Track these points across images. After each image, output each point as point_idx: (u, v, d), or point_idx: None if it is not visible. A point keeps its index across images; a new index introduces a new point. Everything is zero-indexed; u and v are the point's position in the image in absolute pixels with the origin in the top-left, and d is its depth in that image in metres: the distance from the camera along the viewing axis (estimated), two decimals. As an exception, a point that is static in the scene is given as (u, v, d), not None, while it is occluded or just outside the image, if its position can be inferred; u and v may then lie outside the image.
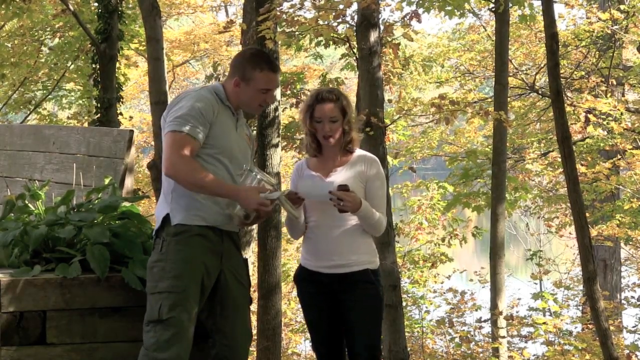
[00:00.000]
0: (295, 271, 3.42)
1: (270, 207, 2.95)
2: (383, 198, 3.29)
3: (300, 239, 3.42)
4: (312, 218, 3.30)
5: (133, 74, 17.29)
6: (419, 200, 12.31)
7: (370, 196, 3.26)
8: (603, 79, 12.76)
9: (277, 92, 8.29)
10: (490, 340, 9.84)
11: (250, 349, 4.42)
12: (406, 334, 9.09)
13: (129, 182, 4.01)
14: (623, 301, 12.83)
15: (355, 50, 7.78)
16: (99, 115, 10.95)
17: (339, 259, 3.24)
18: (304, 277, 3.34)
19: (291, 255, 15.19)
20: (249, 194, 2.93)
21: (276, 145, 8.19)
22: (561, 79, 6.00)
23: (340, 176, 3.25)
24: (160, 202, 3.06)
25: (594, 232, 11.62)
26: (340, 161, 3.31)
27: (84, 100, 14.14)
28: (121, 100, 11.79)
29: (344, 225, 3.25)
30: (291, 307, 13.83)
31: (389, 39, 8.37)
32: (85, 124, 13.14)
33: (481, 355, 10.64)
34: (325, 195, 3.17)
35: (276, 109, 8.10)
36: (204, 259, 2.97)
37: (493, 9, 9.45)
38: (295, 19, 7.20)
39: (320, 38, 7.54)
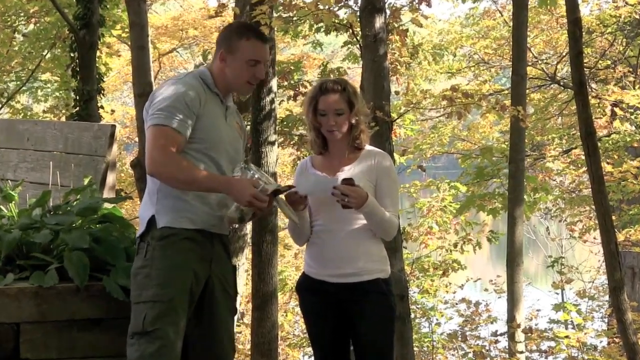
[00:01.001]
0: (297, 280, 3.39)
1: (265, 202, 2.93)
2: (395, 197, 3.28)
3: (302, 246, 3.41)
4: (318, 221, 3.28)
5: (115, 63, 17.28)
6: (428, 201, 12.32)
7: (380, 194, 3.24)
8: (631, 69, 12.77)
9: (273, 83, 8.29)
10: (507, 355, 9.84)
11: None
12: (415, 348, 9.10)
13: (110, 182, 4.00)
14: (653, 313, 12.83)
15: (358, 38, 7.79)
16: (77, 108, 10.95)
17: (348, 267, 3.22)
18: (307, 286, 3.33)
19: (288, 262, 15.20)
20: (242, 184, 2.92)
21: (272, 142, 8.20)
22: (585, 69, 6.00)
23: (347, 175, 3.23)
24: (144, 203, 3.05)
25: (620, 237, 11.63)
26: (348, 158, 3.30)
27: (61, 92, 14.14)
28: (102, 92, 11.79)
29: (353, 230, 3.23)
30: (288, 320, 13.84)
31: (396, 25, 8.38)
32: (63, 119, 13.14)
33: (497, 372, 10.64)
34: (332, 196, 3.15)
35: (272, 102, 8.11)
36: (193, 264, 2.96)
37: (510, -8, 9.46)
38: (293, 2, 7.21)
39: (321, 24, 7.56)
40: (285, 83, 9.99)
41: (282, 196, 3.08)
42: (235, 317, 3.47)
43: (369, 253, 3.24)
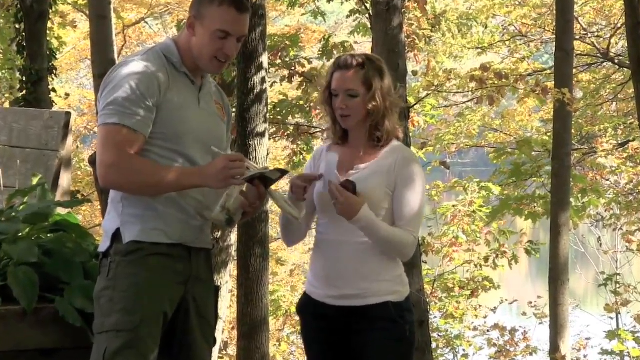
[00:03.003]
0: (299, 300, 3.39)
1: (241, 167, 2.88)
2: (415, 212, 3.21)
3: (298, 256, 3.41)
4: (322, 224, 3.27)
5: (70, 36, 17.28)
6: (454, 206, 12.31)
7: (397, 205, 3.20)
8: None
9: (264, 61, 8.30)
10: (550, 394, 9.84)
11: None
12: (437, 385, 9.09)
13: (65, 182, 4.01)
14: None
15: (368, 5, 7.79)
16: (24, 92, 10.94)
17: (349, 287, 3.21)
18: (308, 309, 3.33)
19: (282, 280, 15.20)
20: (215, 165, 2.89)
21: (262, 133, 8.20)
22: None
23: (361, 176, 3.19)
24: (108, 213, 3.05)
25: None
26: (365, 155, 3.25)
27: (4, 72, 14.12)
28: (54, 72, 11.79)
29: (361, 242, 3.20)
30: (282, 351, 13.85)
31: (414, -10, 8.37)
32: (7, 104, 13.13)
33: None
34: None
35: (262, 83, 8.11)
36: (165, 285, 2.97)
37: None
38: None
39: (322, -12, 7.55)
40: (279, 61, 9.99)
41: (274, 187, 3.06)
42: (216, 348, 3.47)
43: (376, 271, 3.21)
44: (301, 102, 10.19)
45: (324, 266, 3.26)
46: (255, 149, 8.08)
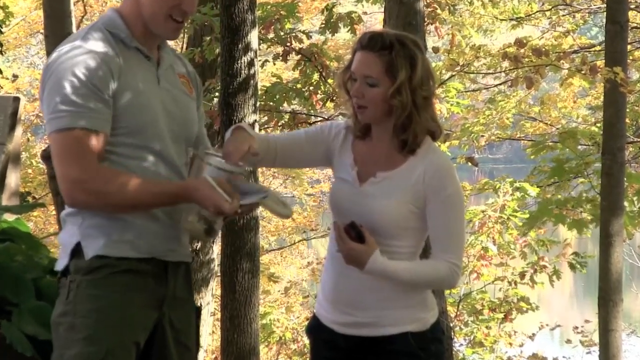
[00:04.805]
0: (309, 320, 3.40)
1: (238, 206, 2.90)
2: (452, 231, 3.16)
3: (295, 271, 3.42)
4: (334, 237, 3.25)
5: (19, 6, 17.28)
6: (482, 211, 12.30)
7: (430, 226, 3.16)
8: None
9: (253, 36, 8.30)
10: None
11: None
12: None
13: (12, 182, 4.01)
14: None
15: (379, -32, 7.79)
16: (-37, 73, 10.96)
17: (361, 314, 3.21)
18: (319, 333, 3.33)
19: (276, 300, 15.19)
20: (204, 187, 2.90)
21: (251, 124, 8.19)
22: None
23: (380, 190, 3.16)
24: (65, 224, 3.05)
25: None
26: (387, 160, 3.18)
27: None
28: (0, 49, 11.78)
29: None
30: (276, 385, 13.84)
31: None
32: (-58, 88, 13.14)
33: None
34: (352, 209, 3.14)
35: (251, 64, 8.09)
36: (136, 309, 2.97)
37: None
38: None
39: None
40: (272, 35, 9.98)
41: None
42: (197, 382, 3.48)
43: (393, 295, 3.21)
44: (298, 86, 10.16)
45: (335, 283, 3.26)
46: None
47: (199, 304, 9.97)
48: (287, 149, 3.27)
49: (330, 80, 9.64)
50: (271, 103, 10.09)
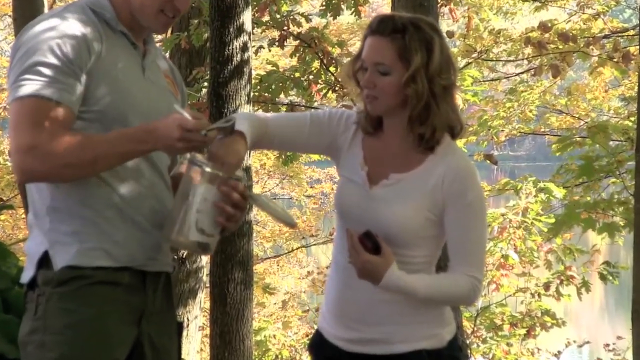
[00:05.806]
0: (312, 336, 3.42)
1: (199, 138, 2.87)
2: (473, 242, 3.16)
3: (292, 282, 3.43)
4: (339, 243, 3.25)
5: (-15, -14, 17.32)
6: (502, 214, 12.29)
7: (449, 235, 3.16)
8: None
9: (246, 19, 8.29)
10: None
11: None
12: None
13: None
14: None
15: (387, -57, 7.77)
16: None
17: (369, 330, 3.22)
18: (323, 350, 3.34)
19: (272, 314, 15.24)
20: (170, 121, 2.87)
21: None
22: None
23: (393, 193, 3.15)
24: (32, 229, 3.04)
25: None
26: (402, 160, 3.17)
27: None
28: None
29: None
30: (272, 410, 13.87)
31: None
32: None
33: None
34: (361, 215, 3.12)
35: (244, 50, 8.09)
36: (113, 324, 2.97)
37: None
38: None
39: None
40: (267, 18, 9.98)
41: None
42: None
43: (407, 311, 3.21)
44: (296, 74, 10.17)
45: (340, 296, 3.26)
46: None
47: (185, 318, 9.98)
48: (286, 133, 3.26)
49: (331, 69, 9.64)
50: (266, 94, 10.10)
